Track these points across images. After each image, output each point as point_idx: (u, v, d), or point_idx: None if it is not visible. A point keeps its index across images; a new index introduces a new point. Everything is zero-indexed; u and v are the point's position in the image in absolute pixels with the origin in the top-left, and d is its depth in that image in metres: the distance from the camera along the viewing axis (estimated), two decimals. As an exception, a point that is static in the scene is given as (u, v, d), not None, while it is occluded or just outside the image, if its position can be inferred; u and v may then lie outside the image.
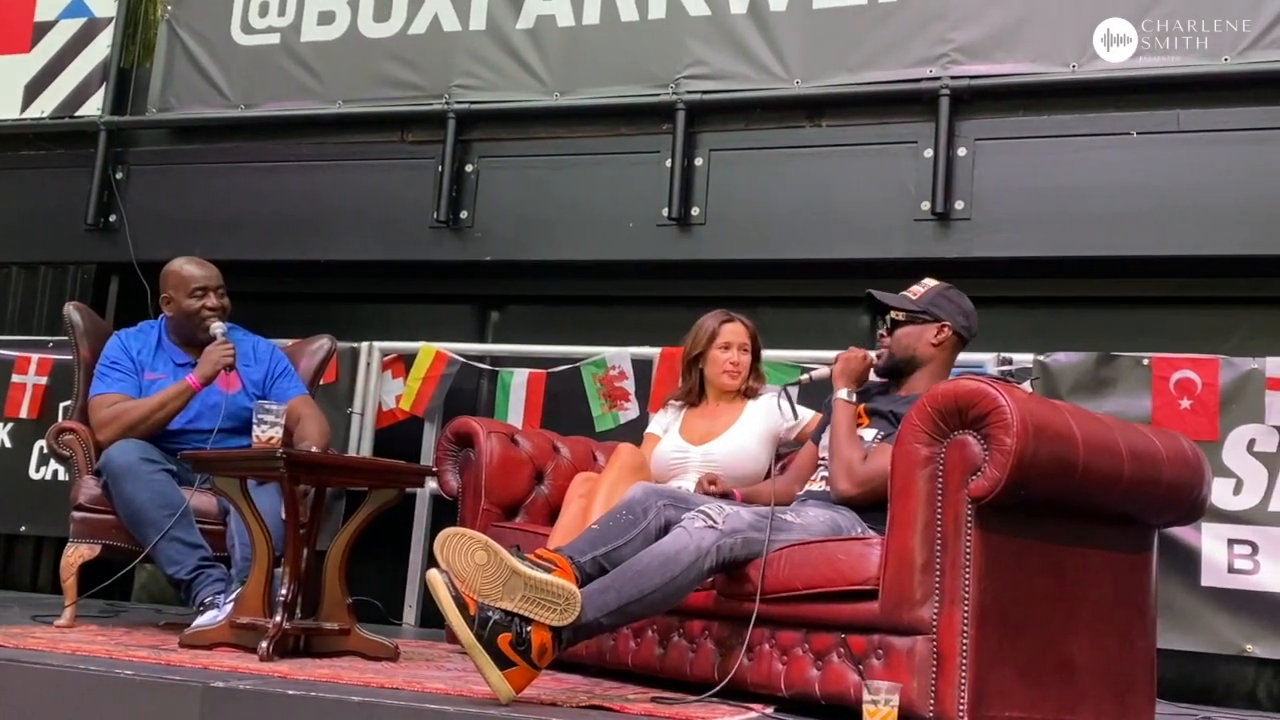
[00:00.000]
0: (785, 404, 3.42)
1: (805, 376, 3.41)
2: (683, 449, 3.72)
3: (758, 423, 3.71)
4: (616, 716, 2.56)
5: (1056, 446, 2.57)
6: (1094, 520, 2.80)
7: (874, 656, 2.63)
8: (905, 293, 3.30)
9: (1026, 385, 4.05)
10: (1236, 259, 4.34)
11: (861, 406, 3.23)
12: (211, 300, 4.00)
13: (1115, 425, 2.81)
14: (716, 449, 3.65)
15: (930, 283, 3.32)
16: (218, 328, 3.94)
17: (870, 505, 2.97)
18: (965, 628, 2.52)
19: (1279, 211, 4.24)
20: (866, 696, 2.45)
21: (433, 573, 2.63)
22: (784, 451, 3.74)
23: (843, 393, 3.22)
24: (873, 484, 2.97)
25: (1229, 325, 4.51)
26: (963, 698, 2.50)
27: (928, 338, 3.23)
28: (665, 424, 3.89)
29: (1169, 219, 4.36)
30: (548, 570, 2.66)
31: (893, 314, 3.28)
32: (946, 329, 3.22)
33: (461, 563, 2.60)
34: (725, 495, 3.32)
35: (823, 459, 3.27)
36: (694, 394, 3.86)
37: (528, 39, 5.27)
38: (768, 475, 3.65)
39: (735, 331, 3.80)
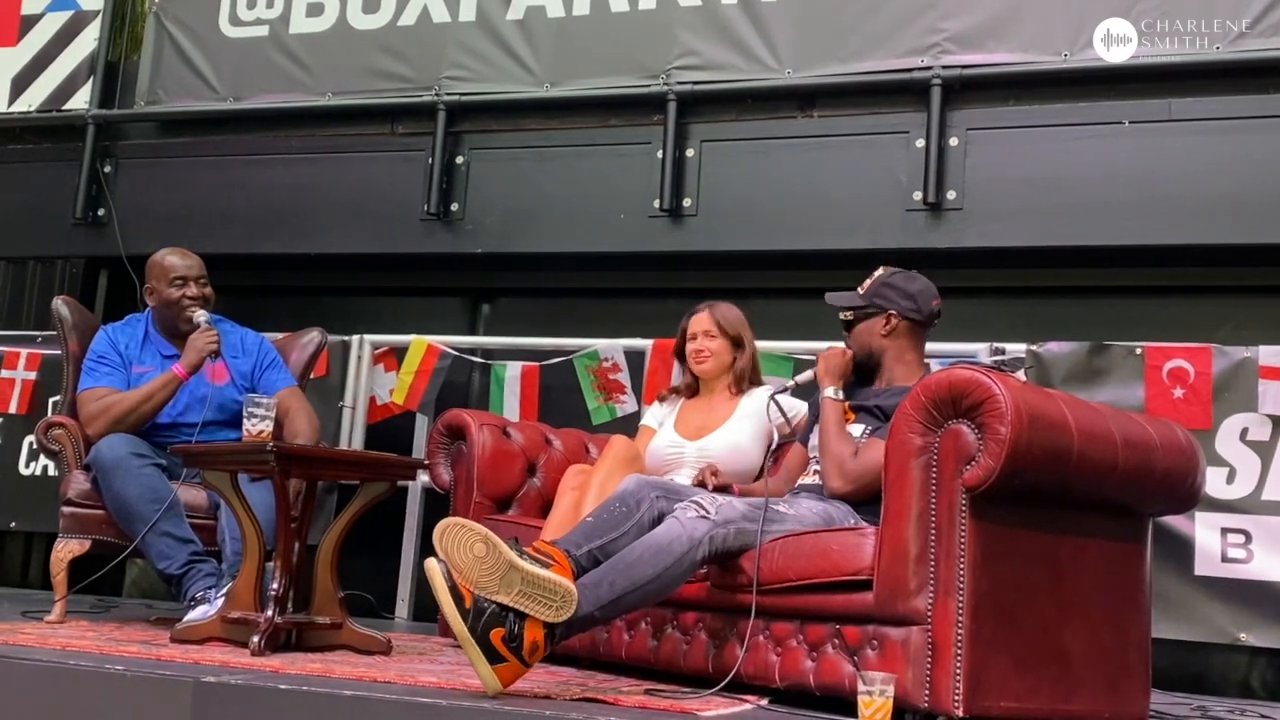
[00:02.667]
0: (775, 411, 3.44)
1: (791, 383, 3.41)
2: (677, 444, 3.70)
3: (752, 418, 3.69)
4: (610, 709, 2.55)
5: (1051, 435, 2.56)
6: (1088, 509, 2.79)
7: (869, 647, 2.62)
8: (858, 288, 3.30)
9: (1020, 374, 4.04)
10: (1229, 248, 4.34)
11: (846, 403, 3.23)
12: (192, 289, 3.97)
13: (1109, 414, 2.80)
14: (711, 444, 3.63)
15: (879, 272, 3.30)
16: (200, 316, 3.92)
17: (864, 500, 2.97)
18: (960, 618, 2.51)
19: (1271, 200, 4.24)
20: (862, 687, 2.45)
21: (430, 561, 2.62)
22: (781, 442, 3.72)
23: (830, 390, 3.21)
24: (865, 479, 2.97)
25: (1222, 314, 4.51)
26: (958, 688, 2.50)
27: (877, 330, 3.23)
28: (660, 417, 3.88)
29: (1161, 208, 4.36)
30: (545, 565, 2.64)
31: (842, 316, 3.30)
32: (893, 317, 3.22)
33: (460, 554, 2.59)
34: (724, 489, 3.30)
35: (814, 457, 3.27)
36: (689, 387, 3.87)
37: (518, 30, 5.25)
38: (760, 472, 3.63)
39: (697, 321, 3.81)
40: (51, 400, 5.18)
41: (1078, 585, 2.75)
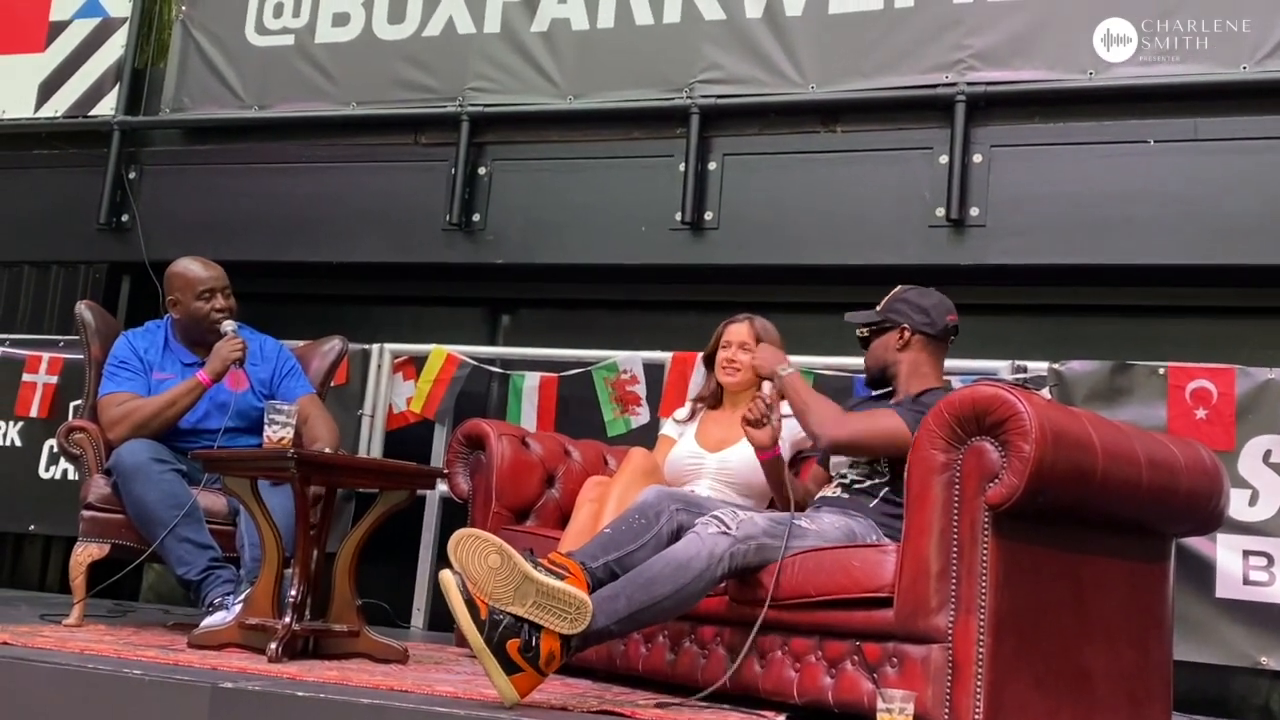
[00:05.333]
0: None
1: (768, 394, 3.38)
2: (697, 455, 3.69)
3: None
4: (627, 722, 2.55)
5: (1075, 454, 2.55)
6: (1111, 529, 2.77)
7: (889, 664, 2.61)
8: (876, 307, 3.36)
9: (1045, 392, 4.02)
10: (1253, 268, 4.31)
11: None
12: (219, 302, 3.99)
13: (1134, 433, 2.79)
14: (731, 457, 3.62)
15: (896, 290, 3.36)
16: (228, 325, 3.94)
17: (853, 454, 3.13)
18: (981, 636, 2.50)
19: (1297, 221, 4.21)
20: (881, 705, 2.43)
21: (445, 573, 2.61)
22: (804, 455, 3.71)
23: (783, 369, 3.30)
24: (862, 436, 3.06)
25: (1245, 335, 4.48)
26: (978, 707, 2.48)
27: (891, 344, 3.27)
28: (681, 428, 3.86)
29: (1185, 227, 4.34)
30: (560, 577, 2.64)
31: (858, 332, 3.35)
32: (906, 331, 3.26)
33: (474, 565, 2.59)
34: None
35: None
36: (713, 397, 3.84)
37: (542, 42, 5.26)
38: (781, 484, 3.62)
39: (735, 331, 3.78)
40: (72, 404, 5.20)
41: (1100, 605, 2.73)
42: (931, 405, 2.98)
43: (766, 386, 3.34)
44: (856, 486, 3.15)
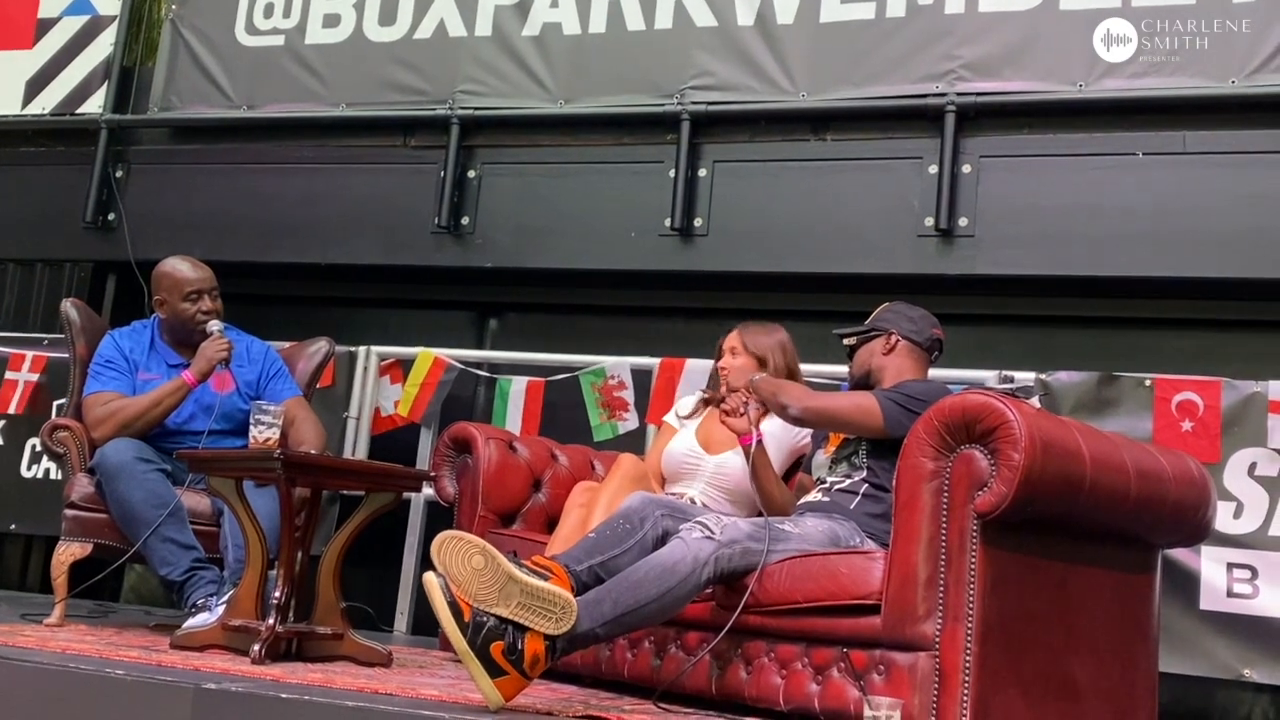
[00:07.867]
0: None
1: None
2: (696, 455, 3.68)
3: (773, 439, 3.67)
4: (613, 727, 2.54)
5: (1064, 463, 2.55)
6: (1099, 539, 2.78)
7: (875, 672, 2.60)
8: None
9: (1034, 401, 4.03)
10: (1240, 281, 4.33)
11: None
12: (206, 304, 3.96)
13: (1122, 443, 2.79)
14: (730, 463, 3.60)
15: (884, 305, 3.44)
16: (214, 325, 3.92)
17: (829, 427, 3.26)
18: (969, 644, 2.50)
19: (1284, 235, 4.23)
20: (867, 712, 2.43)
21: (429, 575, 2.60)
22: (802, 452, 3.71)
23: (753, 376, 3.39)
24: (830, 407, 3.16)
25: (1232, 347, 4.50)
26: (965, 715, 2.48)
27: (878, 349, 3.33)
28: (682, 421, 3.83)
29: (1173, 240, 4.36)
30: (544, 578, 2.63)
31: (845, 341, 3.41)
32: (894, 337, 3.31)
33: (458, 567, 2.58)
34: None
35: (817, 477, 3.28)
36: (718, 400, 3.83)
37: (533, 46, 5.26)
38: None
39: (728, 337, 3.78)
40: (56, 403, 5.16)
41: (1087, 615, 2.74)
42: (908, 392, 3.03)
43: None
44: (837, 487, 3.16)
